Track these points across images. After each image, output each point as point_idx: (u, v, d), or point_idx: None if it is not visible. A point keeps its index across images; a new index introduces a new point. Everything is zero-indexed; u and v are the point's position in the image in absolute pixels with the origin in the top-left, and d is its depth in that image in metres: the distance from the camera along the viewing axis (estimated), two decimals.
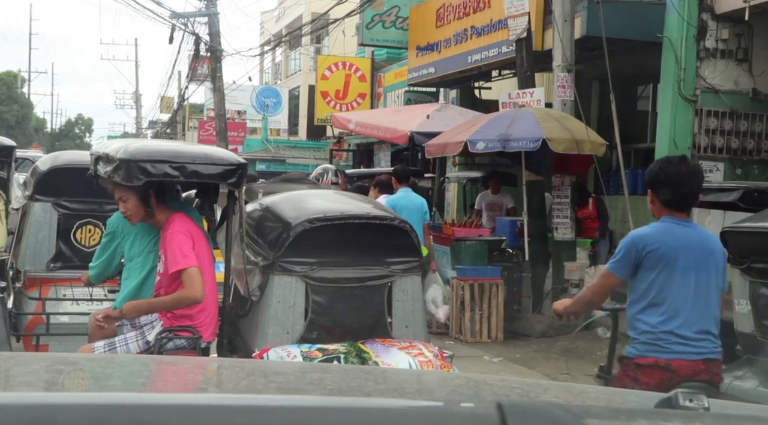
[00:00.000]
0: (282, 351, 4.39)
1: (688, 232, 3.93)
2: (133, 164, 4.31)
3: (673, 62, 10.72)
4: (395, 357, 4.37)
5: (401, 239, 4.74)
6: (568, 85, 10.46)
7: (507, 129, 9.59)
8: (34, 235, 6.53)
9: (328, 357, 4.32)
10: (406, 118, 12.93)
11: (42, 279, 6.36)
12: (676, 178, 3.85)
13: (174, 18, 21.25)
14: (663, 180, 3.88)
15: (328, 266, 4.63)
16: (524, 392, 1.68)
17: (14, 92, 54.59)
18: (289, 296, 4.58)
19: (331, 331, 4.61)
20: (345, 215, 4.74)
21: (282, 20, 36.50)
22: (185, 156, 4.51)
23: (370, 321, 4.68)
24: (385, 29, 16.98)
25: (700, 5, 10.68)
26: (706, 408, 1.26)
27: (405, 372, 1.92)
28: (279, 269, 4.57)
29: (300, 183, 6.48)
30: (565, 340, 9.53)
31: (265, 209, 5.04)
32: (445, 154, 10.82)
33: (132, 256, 4.89)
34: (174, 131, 43.99)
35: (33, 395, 1.39)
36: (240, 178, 4.55)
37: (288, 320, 4.56)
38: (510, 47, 11.82)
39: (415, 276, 4.80)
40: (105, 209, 6.34)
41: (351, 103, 21.46)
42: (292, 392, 1.57)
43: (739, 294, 5.28)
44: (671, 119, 10.78)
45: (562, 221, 10.44)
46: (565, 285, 10.25)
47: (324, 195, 5.63)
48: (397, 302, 4.74)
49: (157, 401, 1.27)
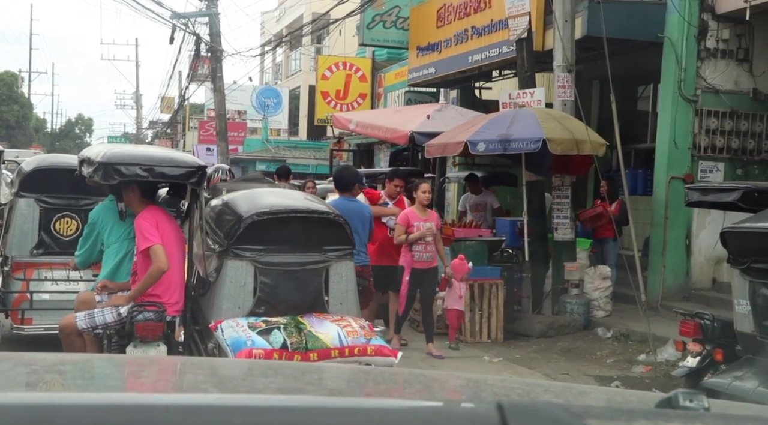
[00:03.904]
0: (233, 321, 5.09)
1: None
2: (110, 167, 5.16)
3: (673, 62, 10.72)
4: (327, 328, 5.14)
5: (336, 230, 5.53)
6: (569, 86, 10.45)
7: (507, 129, 9.58)
8: (20, 226, 7.66)
9: (270, 327, 5.04)
10: (407, 118, 12.91)
11: (26, 263, 7.53)
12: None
13: (175, 18, 21.25)
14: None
15: (273, 252, 5.40)
16: (524, 392, 1.68)
17: (14, 92, 54.53)
18: (241, 277, 5.34)
19: (276, 307, 5.32)
20: (288, 209, 5.53)
21: (282, 20, 36.49)
22: (153, 160, 5.36)
23: (309, 299, 5.43)
24: (386, 29, 16.97)
25: (701, 5, 10.68)
26: (706, 409, 1.26)
27: (405, 372, 1.93)
28: (232, 255, 5.35)
29: (259, 183, 7.16)
30: (566, 340, 9.53)
31: (224, 204, 5.79)
32: (445, 154, 10.81)
33: (110, 243, 5.75)
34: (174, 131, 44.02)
35: (32, 395, 1.39)
36: (200, 178, 5.35)
37: (239, 297, 5.32)
38: (510, 47, 11.81)
39: (348, 261, 5.60)
40: (80, 204, 7.67)
41: (351, 103, 21.44)
42: (291, 392, 1.56)
43: (738, 294, 5.27)
44: (671, 119, 10.78)
45: (562, 221, 10.43)
46: (565, 285, 10.25)
47: (275, 193, 6.32)
48: (333, 283, 5.51)
49: (157, 402, 1.26)
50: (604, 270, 10.44)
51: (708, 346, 5.66)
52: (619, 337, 9.54)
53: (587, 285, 10.29)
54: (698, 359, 5.64)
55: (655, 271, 10.72)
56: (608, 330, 9.76)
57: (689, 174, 10.75)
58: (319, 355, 4.94)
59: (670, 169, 10.76)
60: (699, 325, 5.68)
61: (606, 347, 9.26)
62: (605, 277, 10.39)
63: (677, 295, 10.68)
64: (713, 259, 10.84)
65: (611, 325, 9.89)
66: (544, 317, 10.10)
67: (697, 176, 10.79)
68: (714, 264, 10.88)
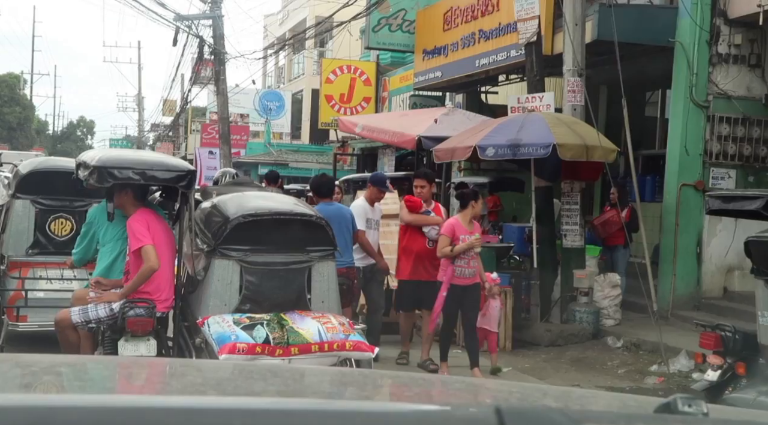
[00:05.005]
0: (219, 318, 5.29)
1: None
2: (104, 170, 5.42)
3: (685, 67, 10.56)
4: (308, 324, 5.34)
5: (319, 232, 5.76)
6: (579, 90, 10.29)
7: (517, 134, 9.41)
8: (16, 226, 7.92)
9: (254, 323, 5.24)
10: (414, 122, 12.74)
11: (22, 263, 7.77)
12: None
13: (178, 20, 21.11)
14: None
15: (259, 252, 5.64)
16: (523, 396, 1.68)
17: (16, 94, 54.37)
18: (227, 275, 5.56)
19: (261, 304, 5.53)
20: (272, 211, 5.74)
21: (286, 24, 36.38)
22: (145, 164, 5.66)
23: (293, 297, 5.64)
24: (392, 32, 16.80)
25: (713, 10, 10.52)
26: (704, 414, 1.25)
27: (404, 376, 1.92)
28: (219, 254, 5.58)
29: (248, 186, 7.43)
30: (575, 350, 9.35)
31: (213, 206, 6.03)
32: (454, 159, 10.64)
33: (105, 242, 5.97)
34: (176, 134, 43.88)
35: (30, 397, 1.39)
36: (190, 182, 5.64)
37: (226, 294, 5.54)
38: (519, 51, 11.66)
39: (330, 262, 5.81)
40: (75, 205, 7.96)
41: (355, 107, 21.30)
42: (290, 395, 1.56)
43: (763, 306, 5.10)
44: (683, 124, 10.62)
45: (571, 227, 10.26)
46: (574, 293, 10.08)
47: (262, 196, 6.55)
48: (315, 282, 5.73)
49: (156, 404, 1.26)
50: (613, 278, 10.27)
51: (729, 359, 5.48)
52: (630, 347, 9.36)
53: (596, 293, 10.12)
54: (719, 372, 5.47)
55: (665, 279, 10.54)
56: (618, 339, 9.58)
57: (700, 181, 10.59)
58: (300, 350, 5.14)
59: (681, 176, 10.60)
60: (720, 337, 5.50)
61: (616, 357, 9.08)
62: (615, 285, 10.21)
63: (688, 304, 10.51)
64: (724, 268, 10.68)
65: (621, 334, 9.71)
66: (553, 325, 9.92)
67: (708, 183, 10.62)
68: (725, 273, 10.71)
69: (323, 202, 7.94)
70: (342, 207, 8.23)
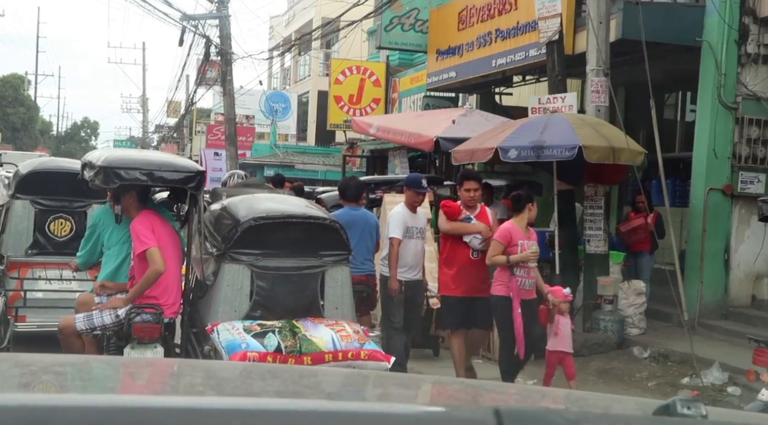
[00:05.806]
0: (228, 324, 5.11)
1: None
2: (110, 170, 5.28)
3: (712, 67, 10.21)
4: (321, 332, 5.13)
5: (332, 235, 5.56)
6: (603, 90, 9.93)
7: (540, 135, 9.03)
8: (15, 227, 7.91)
9: (265, 330, 5.05)
10: (431, 123, 12.38)
11: (21, 263, 7.76)
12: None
13: (185, 20, 20.80)
14: None
15: (270, 256, 5.44)
16: (522, 398, 1.68)
17: (21, 95, 54.18)
18: (237, 280, 5.37)
19: (272, 310, 5.33)
20: (284, 214, 5.56)
21: (292, 25, 36.10)
22: (153, 164, 5.50)
23: (305, 303, 5.43)
24: (404, 32, 16.43)
25: (742, 8, 10.17)
26: (704, 416, 1.24)
27: (404, 377, 1.81)
28: (229, 259, 5.39)
29: (258, 188, 7.19)
30: (600, 360, 8.99)
31: (223, 209, 5.84)
32: (473, 161, 10.26)
33: (110, 245, 5.88)
34: (181, 135, 43.59)
35: (30, 397, 1.38)
36: (199, 183, 5.47)
37: (236, 300, 5.35)
38: (539, 51, 11.30)
39: (344, 267, 5.61)
40: (74, 206, 7.95)
41: (364, 108, 20.94)
42: (290, 395, 1.56)
43: None
44: (710, 127, 10.26)
45: (595, 233, 9.90)
46: (598, 301, 9.71)
47: (273, 198, 6.36)
48: (329, 288, 5.52)
49: (156, 404, 1.24)
50: (638, 285, 9.90)
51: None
52: (658, 357, 8.99)
53: (621, 301, 9.75)
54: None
55: (692, 287, 10.16)
56: (645, 349, 9.21)
57: (728, 185, 10.23)
58: (313, 359, 4.93)
59: (708, 179, 10.23)
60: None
61: (644, 368, 8.72)
62: (640, 293, 9.85)
63: (715, 313, 10.14)
64: (752, 275, 10.31)
65: (647, 344, 9.34)
66: (577, 334, 9.52)
67: (736, 187, 10.26)
68: (753, 280, 10.34)
69: (349, 206, 7.64)
70: (367, 213, 7.91)
